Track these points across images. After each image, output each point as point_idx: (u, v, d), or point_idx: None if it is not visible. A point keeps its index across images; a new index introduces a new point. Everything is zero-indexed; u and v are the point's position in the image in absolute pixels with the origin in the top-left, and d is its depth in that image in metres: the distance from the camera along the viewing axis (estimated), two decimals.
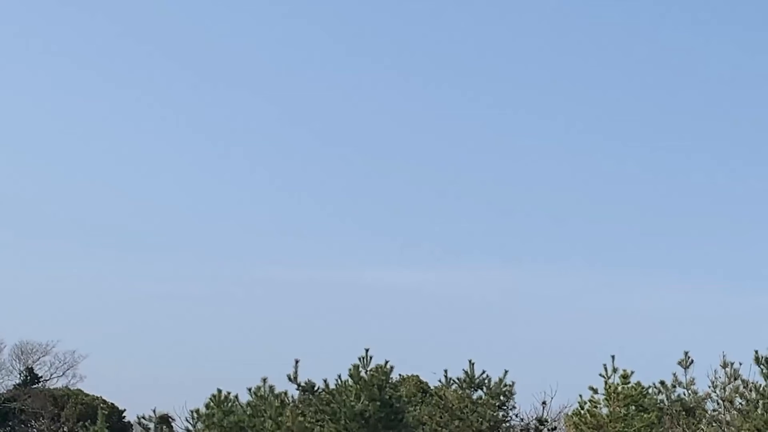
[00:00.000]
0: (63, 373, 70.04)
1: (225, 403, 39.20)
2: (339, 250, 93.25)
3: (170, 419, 46.48)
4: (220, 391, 39.58)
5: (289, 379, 39.91)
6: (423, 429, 41.38)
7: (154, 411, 47.13)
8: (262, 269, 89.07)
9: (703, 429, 38.97)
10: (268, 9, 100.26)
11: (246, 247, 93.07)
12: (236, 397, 39.50)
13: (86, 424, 49.91)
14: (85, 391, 65.86)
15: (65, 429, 56.41)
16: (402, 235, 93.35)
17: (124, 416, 61.25)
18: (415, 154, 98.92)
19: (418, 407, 43.64)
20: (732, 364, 38.04)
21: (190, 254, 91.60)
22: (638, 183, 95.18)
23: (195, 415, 40.58)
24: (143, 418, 47.17)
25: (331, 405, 38.36)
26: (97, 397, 63.39)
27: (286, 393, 39.37)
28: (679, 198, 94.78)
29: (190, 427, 42.55)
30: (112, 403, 62.11)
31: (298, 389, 40.24)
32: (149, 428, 46.35)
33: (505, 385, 42.22)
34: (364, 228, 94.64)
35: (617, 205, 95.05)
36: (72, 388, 67.11)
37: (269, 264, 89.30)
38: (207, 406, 39.33)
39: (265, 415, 38.15)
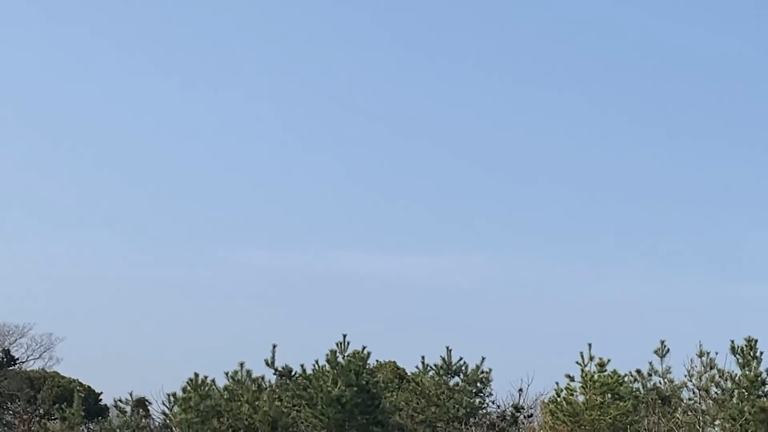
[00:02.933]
0: (39, 356, 69.86)
1: (202, 387, 39.20)
2: (317, 234, 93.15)
3: (147, 402, 46.45)
4: (197, 375, 39.59)
5: (267, 363, 39.95)
6: (399, 415, 41.46)
7: (130, 394, 47.14)
8: (241, 253, 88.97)
9: (678, 418, 39.11)
10: None
11: (225, 231, 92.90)
12: (213, 381, 39.56)
13: (62, 406, 49.80)
14: (62, 374, 65.73)
15: (41, 411, 56.22)
16: (381, 222, 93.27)
17: (101, 399, 61.00)
18: (393, 139, 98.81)
19: (394, 393, 43.72)
20: (708, 353, 38.20)
21: (169, 237, 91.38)
22: (616, 174, 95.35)
23: (172, 398, 40.59)
24: (120, 401, 47.17)
25: (308, 390, 38.40)
26: (73, 380, 63.16)
27: (263, 378, 39.45)
28: (656, 188, 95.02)
29: (167, 411, 42.56)
30: (89, 386, 61.87)
31: (275, 374, 40.31)
32: (126, 411, 46.33)
33: (482, 372, 42.35)
34: (342, 214, 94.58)
35: (595, 195, 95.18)
36: (48, 371, 66.96)
37: (248, 248, 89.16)
38: (184, 390, 39.33)
39: (242, 399, 38.17)
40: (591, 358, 38.14)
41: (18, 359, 69.78)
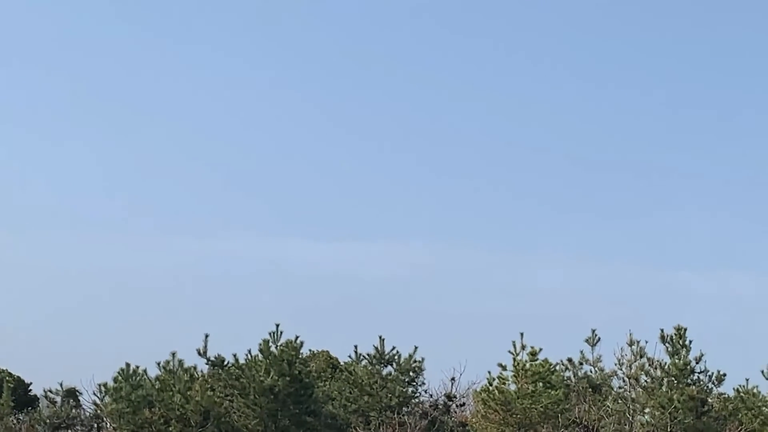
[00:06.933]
0: None
1: (133, 377, 38.94)
2: (247, 222, 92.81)
3: (77, 393, 46.16)
4: (128, 364, 39.32)
5: (199, 353, 39.74)
6: (332, 404, 41.49)
7: (61, 384, 46.90)
8: (169, 241, 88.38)
9: (608, 406, 39.50)
10: None
11: (153, 219, 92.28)
12: (145, 371, 39.28)
13: None
14: None
15: None
16: (313, 209, 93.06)
17: (31, 390, 60.40)
18: (326, 123, 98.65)
19: (327, 383, 43.77)
20: (638, 342, 38.62)
21: (98, 224, 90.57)
22: (547, 162, 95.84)
23: (103, 388, 40.29)
24: (50, 391, 46.88)
25: (241, 380, 38.31)
26: (2, 370, 62.53)
27: (195, 367, 39.22)
28: (589, 174, 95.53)
29: (98, 401, 42.26)
30: (18, 376, 61.26)
31: (207, 364, 40.10)
32: (56, 402, 46.02)
33: (415, 362, 42.47)
34: (272, 201, 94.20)
35: (529, 183, 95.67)
36: None
37: (177, 236, 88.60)
38: (115, 380, 39.05)
39: (173, 389, 37.96)
40: (523, 347, 38.40)
41: None
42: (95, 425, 45.27)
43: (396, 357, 42.45)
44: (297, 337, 39.01)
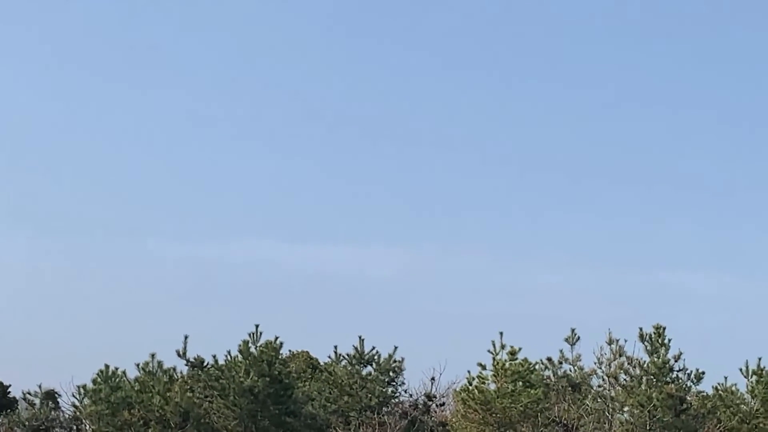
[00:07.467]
0: None
1: (112, 379, 38.89)
2: (226, 223, 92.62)
3: (56, 395, 45.97)
4: (107, 366, 39.27)
5: (178, 354, 39.70)
6: (312, 405, 41.49)
7: (39, 387, 46.65)
8: (150, 244, 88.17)
9: (588, 404, 39.60)
10: None
11: (133, 222, 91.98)
12: (124, 372, 39.23)
13: None
14: None
15: None
16: (291, 211, 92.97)
17: (9, 392, 60.28)
18: (307, 125, 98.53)
19: (307, 383, 43.76)
20: (617, 341, 38.74)
21: (77, 228, 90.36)
22: (527, 162, 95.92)
23: (82, 390, 40.22)
24: (29, 393, 46.65)
25: (220, 381, 38.29)
26: None
27: (174, 369, 39.21)
28: (568, 174, 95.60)
29: (77, 403, 42.14)
30: None
31: (187, 365, 40.07)
32: (35, 404, 45.82)
33: (395, 361, 42.52)
34: (253, 202, 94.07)
35: (506, 184, 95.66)
36: None
37: (157, 239, 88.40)
38: (94, 382, 38.99)
39: (153, 390, 37.92)
40: (503, 347, 38.47)
41: None
42: (74, 427, 45.12)
43: (376, 357, 42.50)
44: (276, 338, 39.07)
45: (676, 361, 38.11)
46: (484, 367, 38.62)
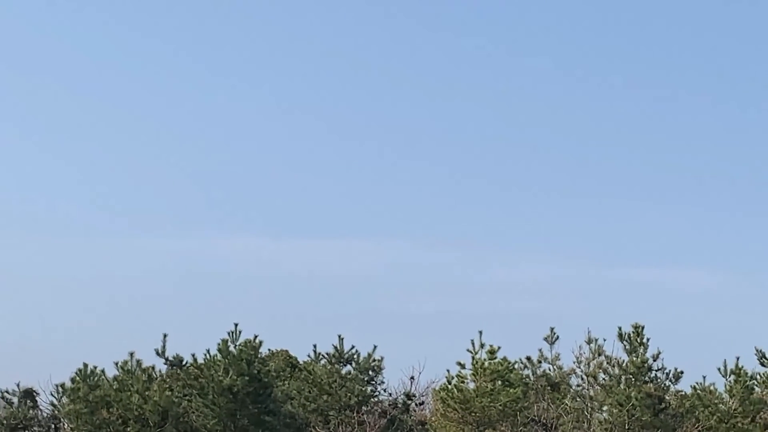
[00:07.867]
0: None
1: (91, 378, 38.77)
2: (205, 220, 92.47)
3: (35, 393, 45.79)
4: (86, 365, 39.12)
5: (157, 353, 39.65)
6: (291, 404, 41.45)
7: (18, 385, 46.44)
8: (128, 240, 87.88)
9: (567, 404, 39.71)
10: None
11: (113, 219, 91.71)
12: (103, 371, 39.08)
13: None
14: None
15: None
16: (272, 206, 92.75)
17: None
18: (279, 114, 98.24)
19: (286, 382, 43.68)
20: (596, 340, 38.87)
21: (58, 224, 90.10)
22: (506, 158, 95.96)
23: (60, 389, 40.11)
24: (7, 392, 46.43)
25: (200, 380, 38.22)
26: None
27: (153, 367, 39.10)
28: (546, 172, 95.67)
29: (55, 402, 42.03)
30: None
31: (165, 364, 40.00)
32: (13, 402, 45.64)
33: (374, 360, 42.48)
34: (233, 198, 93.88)
35: (488, 179, 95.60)
36: None
37: (136, 235, 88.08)
38: (73, 381, 38.85)
39: (132, 389, 37.82)
40: (482, 345, 38.56)
41: None
42: (53, 426, 44.96)
43: (355, 356, 42.45)
44: (256, 337, 38.99)
45: (654, 361, 38.28)
46: (463, 366, 38.72)
